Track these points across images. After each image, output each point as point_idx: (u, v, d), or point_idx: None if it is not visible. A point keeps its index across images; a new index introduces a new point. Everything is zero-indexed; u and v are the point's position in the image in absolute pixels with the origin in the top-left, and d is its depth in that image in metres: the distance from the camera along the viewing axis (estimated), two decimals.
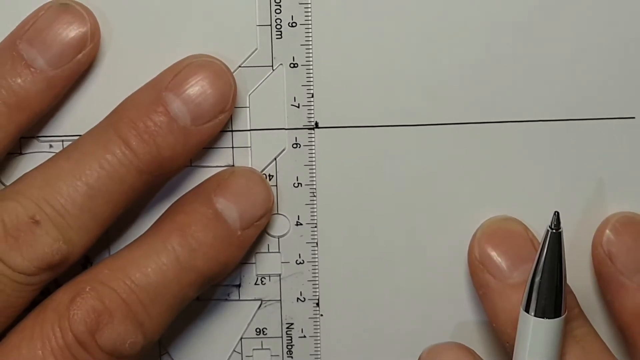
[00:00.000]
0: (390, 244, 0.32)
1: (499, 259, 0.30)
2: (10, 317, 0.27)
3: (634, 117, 0.32)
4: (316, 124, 0.31)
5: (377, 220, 0.32)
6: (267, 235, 0.31)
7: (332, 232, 0.31)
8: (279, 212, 0.31)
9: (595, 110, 0.32)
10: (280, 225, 0.31)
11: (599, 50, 0.31)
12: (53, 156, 0.28)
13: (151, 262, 0.28)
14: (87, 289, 0.27)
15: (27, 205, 0.27)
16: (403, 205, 0.32)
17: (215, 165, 0.30)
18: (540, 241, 0.28)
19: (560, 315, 0.28)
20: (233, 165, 0.30)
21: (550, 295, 0.28)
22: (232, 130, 0.30)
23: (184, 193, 0.30)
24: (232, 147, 0.30)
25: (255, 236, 0.30)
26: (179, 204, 0.30)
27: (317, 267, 0.31)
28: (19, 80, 0.28)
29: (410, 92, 0.31)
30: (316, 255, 0.31)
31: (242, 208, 0.29)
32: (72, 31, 0.28)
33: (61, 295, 0.27)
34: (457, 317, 0.33)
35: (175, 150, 0.28)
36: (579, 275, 0.32)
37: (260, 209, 0.30)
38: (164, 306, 0.28)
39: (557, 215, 0.28)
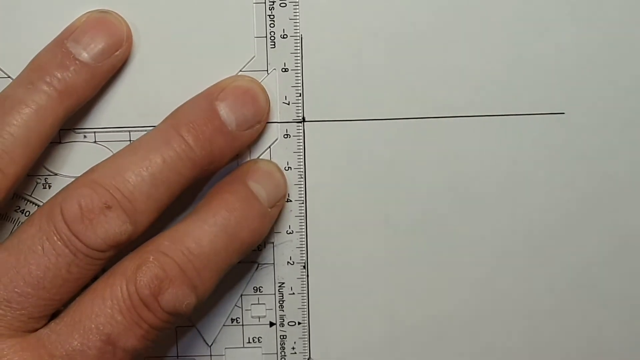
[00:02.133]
0: (369, 215, 0.36)
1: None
2: (81, 286, 0.31)
3: (563, 113, 0.36)
4: (303, 118, 0.36)
5: (356, 196, 0.36)
6: None
7: (317, 207, 0.36)
8: None
9: (525, 106, 0.35)
10: None
11: (530, 47, 0.34)
12: (121, 150, 0.33)
13: (204, 234, 0.32)
14: (151, 259, 0.31)
15: (101, 192, 0.31)
16: (379, 185, 0.36)
17: None
18: None
19: None
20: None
21: None
22: None
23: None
24: None
25: (278, 213, 0.35)
26: (221, 185, 0.34)
27: (304, 236, 0.37)
28: (68, 71, 0.32)
29: (384, 91, 0.35)
30: (303, 227, 0.37)
31: (269, 190, 0.34)
32: (111, 32, 0.33)
33: (128, 263, 0.31)
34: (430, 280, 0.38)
35: (223, 150, 0.33)
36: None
37: (281, 191, 0.35)
38: (213, 271, 0.32)
39: None
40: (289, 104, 0.36)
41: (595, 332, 0.38)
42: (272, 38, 0.35)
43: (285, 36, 0.35)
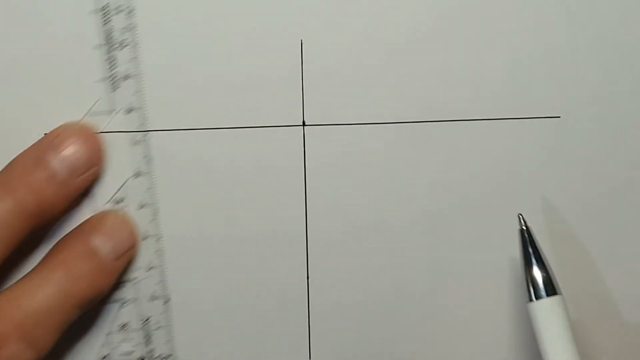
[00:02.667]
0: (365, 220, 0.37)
1: None
2: None
3: (559, 117, 0.36)
4: (304, 122, 0.36)
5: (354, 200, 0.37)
6: None
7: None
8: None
9: (521, 110, 0.36)
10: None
11: (526, 51, 0.35)
12: None
13: (40, 292, 0.33)
14: None
15: None
16: (376, 188, 0.37)
17: None
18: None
19: (557, 293, 0.33)
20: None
21: (542, 278, 0.33)
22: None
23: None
24: None
25: (125, 265, 0.36)
26: (61, 243, 0.35)
27: (164, 272, 0.38)
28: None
29: (382, 95, 0.36)
30: (163, 263, 0.38)
31: (113, 243, 0.35)
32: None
33: None
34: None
35: (55, 199, 0.34)
36: None
37: (127, 243, 0.36)
38: (52, 327, 0.33)
39: (520, 216, 0.33)
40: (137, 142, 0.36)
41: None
42: (114, 81, 0.35)
43: (127, 77, 0.35)
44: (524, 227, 0.33)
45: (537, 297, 0.33)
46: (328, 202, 0.37)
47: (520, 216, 0.33)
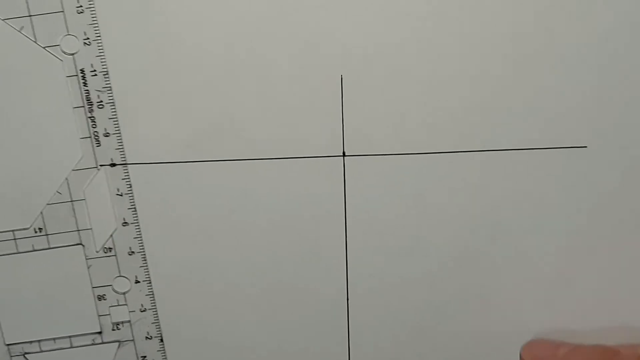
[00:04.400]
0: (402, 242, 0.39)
1: (544, 352, 0.38)
2: None
3: (586, 147, 0.37)
4: (344, 152, 0.37)
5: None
6: (114, 292, 0.40)
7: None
8: (122, 275, 0.40)
9: (549, 140, 0.36)
10: (122, 284, 0.40)
11: (553, 83, 0.36)
12: None
13: None
14: None
15: None
16: (410, 216, 0.38)
17: None
18: None
19: None
20: None
21: None
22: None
23: None
24: None
25: None
26: None
27: (157, 313, 0.40)
28: None
29: (415, 127, 0.37)
30: (155, 304, 0.40)
31: None
32: None
33: None
34: None
35: None
36: None
37: None
38: None
39: None
40: (121, 196, 0.38)
41: None
42: (97, 137, 0.37)
43: (107, 134, 0.37)
44: None
45: None
46: (366, 227, 0.38)
47: None
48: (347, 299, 0.40)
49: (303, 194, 0.38)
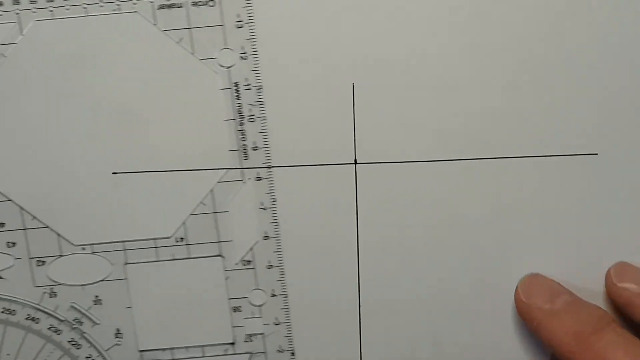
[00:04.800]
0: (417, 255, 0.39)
1: (541, 297, 0.37)
2: None
3: (597, 154, 0.37)
4: (355, 160, 0.38)
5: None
6: (250, 305, 0.40)
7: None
8: (259, 287, 0.40)
9: (560, 147, 0.37)
10: (258, 297, 0.40)
11: (565, 92, 0.36)
12: None
13: None
14: None
15: None
16: (423, 223, 0.38)
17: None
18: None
19: None
20: None
21: None
22: None
23: None
24: None
25: None
26: None
27: (290, 327, 0.40)
28: None
29: (428, 134, 0.37)
30: (289, 318, 0.40)
31: None
32: None
33: None
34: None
35: None
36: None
37: None
38: None
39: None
40: (265, 210, 0.38)
41: None
42: (245, 150, 0.37)
43: (256, 148, 0.37)
44: None
45: None
46: (379, 234, 0.38)
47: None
48: (359, 308, 0.40)
49: (315, 203, 0.38)
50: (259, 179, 0.38)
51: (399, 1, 0.36)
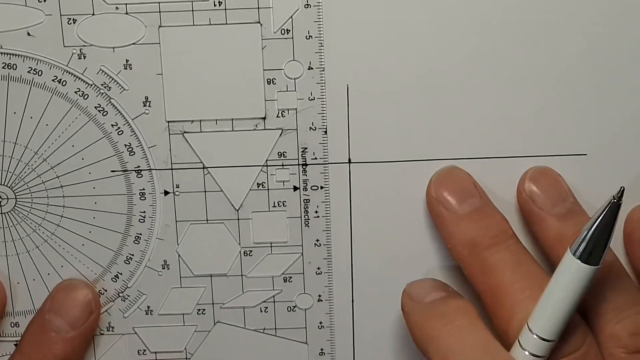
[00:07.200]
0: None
1: (449, 196, 0.37)
2: None
3: (585, 154, 0.38)
4: (349, 159, 0.38)
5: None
6: (285, 77, 0.39)
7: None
8: (295, 59, 0.39)
9: (549, 148, 0.38)
10: (295, 69, 0.39)
11: (554, 95, 0.37)
12: None
13: None
14: None
15: None
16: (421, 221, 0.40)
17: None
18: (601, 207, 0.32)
19: (598, 265, 0.32)
20: None
21: (598, 247, 0.32)
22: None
23: None
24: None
25: (89, 332, 0.39)
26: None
27: (325, 103, 0.39)
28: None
29: (422, 135, 0.38)
30: (324, 94, 0.39)
31: (67, 317, 0.38)
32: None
33: None
34: None
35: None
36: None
37: (81, 312, 0.38)
38: None
39: (622, 190, 0.31)
40: None
41: None
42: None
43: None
44: (616, 200, 0.31)
45: (581, 257, 0.32)
46: (372, 233, 0.39)
47: (622, 189, 0.31)
48: (352, 306, 0.40)
49: None
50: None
51: (395, 5, 0.37)
